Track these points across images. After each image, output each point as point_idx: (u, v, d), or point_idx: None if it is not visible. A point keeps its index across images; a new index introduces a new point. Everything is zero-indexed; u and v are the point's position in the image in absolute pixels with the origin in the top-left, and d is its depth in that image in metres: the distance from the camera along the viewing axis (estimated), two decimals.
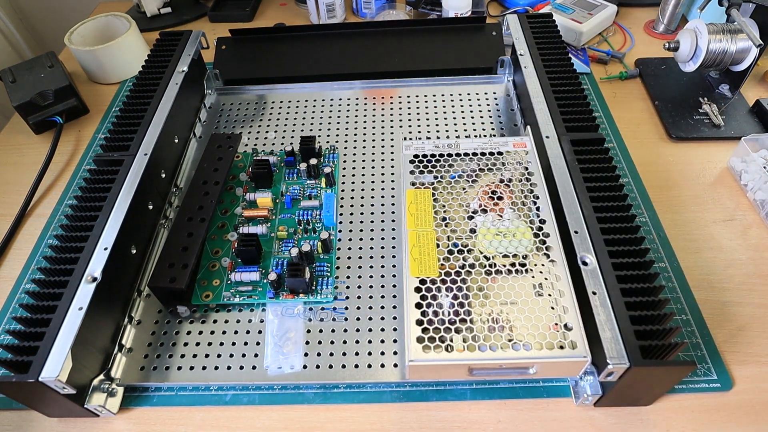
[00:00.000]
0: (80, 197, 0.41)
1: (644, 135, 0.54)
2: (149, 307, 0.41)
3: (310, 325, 0.40)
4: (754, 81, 0.58)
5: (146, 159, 0.43)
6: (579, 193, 0.38)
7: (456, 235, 0.38)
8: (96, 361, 0.36)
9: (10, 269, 0.46)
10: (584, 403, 0.35)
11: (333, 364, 0.37)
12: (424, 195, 0.40)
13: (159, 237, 0.46)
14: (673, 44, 0.55)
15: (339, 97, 0.59)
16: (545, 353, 0.32)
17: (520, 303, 0.34)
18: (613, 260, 0.34)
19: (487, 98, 0.57)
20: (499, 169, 0.42)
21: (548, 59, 0.51)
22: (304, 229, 0.45)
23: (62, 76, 0.59)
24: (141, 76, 0.53)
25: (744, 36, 0.52)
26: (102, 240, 0.37)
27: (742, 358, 0.37)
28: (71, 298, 0.34)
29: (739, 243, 0.44)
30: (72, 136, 0.59)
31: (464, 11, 0.65)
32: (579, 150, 0.41)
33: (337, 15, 0.72)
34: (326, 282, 0.42)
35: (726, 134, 0.52)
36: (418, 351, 0.32)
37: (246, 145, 0.54)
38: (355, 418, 0.36)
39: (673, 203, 0.47)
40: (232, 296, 0.41)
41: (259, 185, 0.48)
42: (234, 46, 0.62)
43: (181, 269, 0.39)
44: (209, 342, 0.39)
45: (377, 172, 0.51)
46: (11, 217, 0.50)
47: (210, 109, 0.59)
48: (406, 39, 0.61)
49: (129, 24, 0.65)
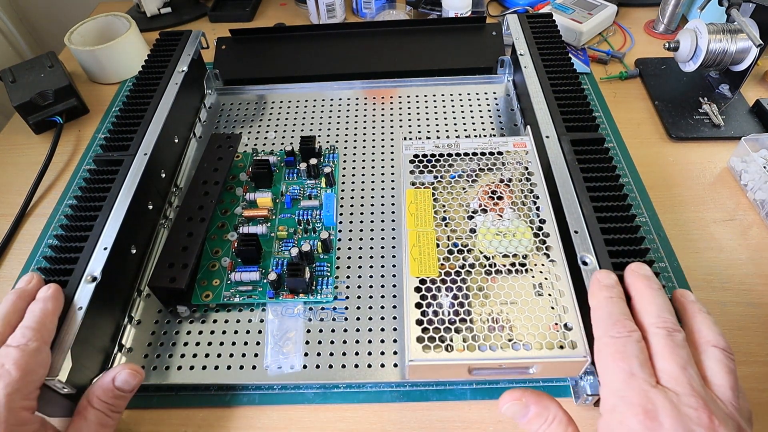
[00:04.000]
0: (80, 197, 0.41)
1: (644, 135, 0.54)
2: (149, 307, 0.41)
3: (310, 325, 0.40)
4: (754, 81, 0.58)
5: (146, 159, 0.43)
6: (579, 193, 0.38)
7: (456, 235, 0.38)
8: (96, 361, 0.36)
9: (10, 269, 0.46)
10: (584, 403, 0.35)
11: (333, 364, 0.37)
12: (424, 195, 0.40)
13: (159, 237, 0.46)
14: (673, 44, 0.55)
15: (339, 97, 0.59)
16: (545, 353, 0.32)
17: (520, 303, 0.34)
18: (613, 260, 0.34)
19: (487, 98, 0.57)
20: (499, 169, 0.42)
21: (548, 59, 0.51)
22: (304, 229, 0.45)
23: (62, 76, 0.59)
24: (141, 76, 0.53)
25: (744, 36, 0.52)
26: (102, 240, 0.37)
27: (741, 359, 0.37)
28: (71, 298, 0.34)
29: (739, 243, 0.44)
30: (72, 136, 0.59)
31: (464, 11, 0.65)
32: (579, 150, 0.41)
33: (337, 15, 0.72)
34: (326, 282, 0.42)
35: (726, 134, 0.52)
36: (418, 351, 0.32)
37: (246, 145, 0.54)
38: (355, 418, 0.36)
39: (673, 203, 0.47)
40: (232, 296, 0.41)
41: (259, 185, 0.48)
42: (234, 46, 0.62)
43: (181, 269, 0.39)
44: (209, 342, 0.39)
45: (377, 172, 0.51)
46: (11, 217, 0.50)
47: (210, 109, 0.59)
48: (406, 39, 0.61)
49: (129, 24, 0.65)
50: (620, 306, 0.29)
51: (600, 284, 0.31)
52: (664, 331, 0.27)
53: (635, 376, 0.26)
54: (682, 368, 0.26)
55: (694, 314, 0.29)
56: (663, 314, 0.28)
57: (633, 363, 0.26)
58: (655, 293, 0.29)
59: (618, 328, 0.28)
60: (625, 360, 0.26)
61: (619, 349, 0.27)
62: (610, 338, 0.28)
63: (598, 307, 0.30)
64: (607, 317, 0.29)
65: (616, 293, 0.30)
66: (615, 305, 0.29)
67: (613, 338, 0.27)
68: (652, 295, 0.29)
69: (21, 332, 0.30)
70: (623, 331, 0.27)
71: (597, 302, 0.30)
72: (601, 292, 0.30)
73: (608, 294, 0.30)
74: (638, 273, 0.31)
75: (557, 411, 0.28)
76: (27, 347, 0.29)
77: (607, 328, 0.28)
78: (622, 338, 0.27)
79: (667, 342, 0.27)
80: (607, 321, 0.29)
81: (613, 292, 0.30)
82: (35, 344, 0.30)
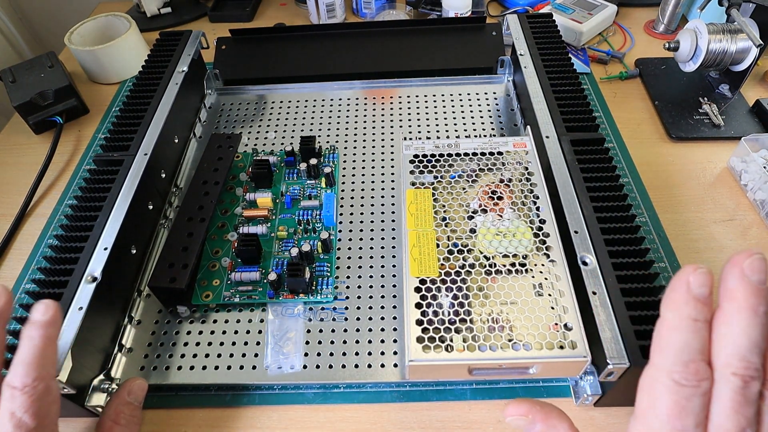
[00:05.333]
0: (80, 197, 0.41)
1: (644, 135, 0.54)
2: (149, 307, 0.41)
3: (310, 325, 0.40)
4: (754, 81, 0.58)
5: (146, 159, 0.43)
6: (579, 193, 0.38)
7: (456, 235, 0.38)
8: (96, 361, 0.36)
9: (10, 269, 0.46)
10: (584, 403, 0.35)
11: (333, 364, 0.37)
12: (424, 195, 0.40)
13: (159, 237, 0.46)
14: (673, 44, 0.55)
15: (339, 97, 0.59)
16: (545, 353, 0.32)
17: (520, 303, 0.34)
18: (613, 260, 0.34)
19: (487, 98, 0.57)
20: (499, 169, 0.42)
21: (548, 59, 0.51)
22: (304, 229, 0.45)
23: (62, 76, 0.59)
24: (141, 76, 0.53)
25: (744, 36, 0.52)
26: (102, 240, 0.37)
27: None
28: (71, 298, 0.34)
29: (739, 243, 0.44)
30: (72, 136, 0.59)
31: (464, 11, 0.65)
32: (579, 150, 0.41)
33: (337, 15, 0.72)
34: (326, 282, 0.42)
35: (726, 134, 0.52)
36: (418, 351, 0.32)
37: (246, 145, 0.54)
38: (355, 418, 0.36)
39: (673, 203, 0.47)
40: (232, 296, 0.41)
41: (259, 185, 0.48)
42: (234, 46, 0.62)
43: (181, 269, 0.39)
44: (209, 342, 0.39)
45: (377, 172, 0.51)
46: (11, 217, 0.50)
47: (210, 109, 0.59)
48: (406, 39, 0.61)
49: (129, 24, 0.65)
50: (702, 339, 0.21)
51: (690, 293, 0.22)
52: (740, 381, 0.20)
53: None
54: (741, 430, 0.20)
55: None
56: (750, 356, 0.21)
57: (688, 423, 0.21)
58: (756, 321, 0.21)
59: (689, 372, 0.21)
60: (682, 419, 0.21)
61: (679, 403, 0.21)
62: (672, 382, 0.21)
63: (674, 327, 0.22)
64: (681, 350, 0.21)
65: (704, 316, 0.22)
66: (697, 335, 0.21)
67: (676, 384, 0.21)
68: (749, 324, 0.21)
69: (23, 370, 0.27)
70: (692, 380, 0.21)
71: (675, 321, 0.22)
72: (686, 306, 0.22)
73: (694, 314, 0.22)
74: (747, 280, 0.21)
75: (566, 431, 0.25)
76: (35, 390, 0.26)
77: (675, 365, 0.21)
78: (689, 388, 0.21)
79: (737, 396, 0.21)
80: (679, 355, 0.21)
81: (702, 312, 0.22)
82: (43, 385, 0.27)
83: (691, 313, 0.22)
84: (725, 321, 0.21)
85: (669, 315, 0.22)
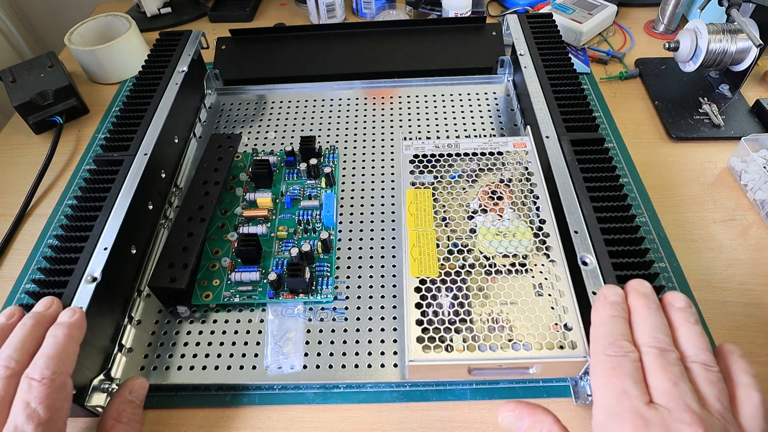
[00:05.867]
0: (80, 197, 0.41)
1: (644, 135, 0.54)
2: (149, 307, 0.41)
3: (310, 325, 0.40)
4: (754, 81, 0.58)
5: (146, 159, 0.43)
6: (579, 193, 0.38)
7: (456, 235, 0.38)
8: (96, 361, 0.36)
9: (10, 269, 0.46)
10: (584, 403, 0.35)
11: (333, 364, 0.37)
12: (424, 195, 0.40)
13: (159, 237, 0.46)
14: (673, 44, 0.55)
15: (339, 97, 0.59)
16: (545, 353, 0.32)
17: (520, 303, 0.34)
18: (613, 260, 0.34)
19: (487, 98, 0.57)
20: (499, 169, 0.42)
21: (548, 59, 0.51)
22: (304, 229, 0.45)
23: (62, 76, 0.59)
24: (141, 76, 0.53)
25: (744, 36, 0.52)
26: (102, 240, 0.37)
27: None
28: (71, 298, 0.34)
29: (739, 243, 0.44)
30: (72, 136, 0.59)
31: (464, 11, 0.65)
32: (579, 150, 0.41)
33: (337, 15, 0.72)
34: (326, 282, 0.42)
35: (726, 134, 0.52)
36: (418, 351, 0.32)
37: (246, 145, 0.54)
38: (355, 418, 0.36)
39: (673, 203, 0.47)
40: (232, 296, 0.41)
41: (259, 185, 0.48)
42: (234, 46, 0.62)
43: (181, 269, 0.39)
44: (209, 342, 0.39)
45: (377, 172, 0.51)
46: (11, 217, 0.50)
47: (210, 109, 0.59)
48: (406, 39, 0.61)
49: (129, 24, 0.65)
50: (621, 326, 0.29)
51: (605, 300, 0.31)
52: (656, 350, 0.27)
53: (627, 394, 0.26)
54: (674, 384, 0.25)
55: (678, 325, 0.29)
56: (656, 334, 0.28)
57: (626, 381, 0.26)
58: (651, 312, 0.29)
59: (615, 347, 0.28)
60: (618, 377, 0.26)
61: (612, 366, 0.27)
62: (605, 356, 0.28)
63: (599, 324, 0.30)
64: (606, 336, 0.29)
65: (619, 312, 0.30)
66: (616, 325, 0.29)
67: (608, 356, 0.27)
68: (648, 314, 0.29)
69: (44, 362, 0.28)
70: (619, 351, 0.27)
71: (599, 319, 0.30)
72: (605, 309, 0.30)
73: (611, 312, 0.30)
74: (637, 291, 0.31)
75: (552, 425, 0.28)
76: (53, 383, 0.28)
77: (604, 347, 0.28)
78: (617, 357, 0.27)
79: (659, 359, 0.27)
80: (605, 340, 0.28)
81: (617, 310, 0.30)
82: (60, 379, 0.28)
83: (608, 312, 0.30)
84: (634, 318, 0.30)
85: (594, 317, 0.30)
